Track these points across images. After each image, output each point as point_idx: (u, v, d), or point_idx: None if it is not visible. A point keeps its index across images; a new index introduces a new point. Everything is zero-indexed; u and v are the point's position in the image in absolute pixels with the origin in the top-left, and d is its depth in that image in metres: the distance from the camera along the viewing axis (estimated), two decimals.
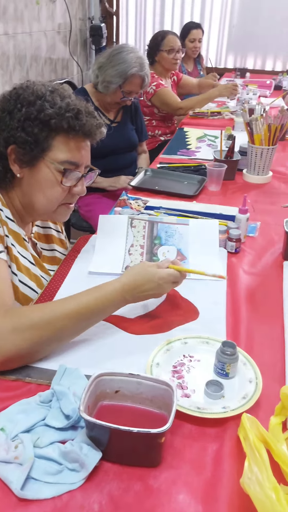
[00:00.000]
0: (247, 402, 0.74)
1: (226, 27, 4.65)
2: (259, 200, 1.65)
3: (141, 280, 0.91)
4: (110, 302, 0.88)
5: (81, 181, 1.03)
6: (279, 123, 1.67)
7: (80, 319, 0.85)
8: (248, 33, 4.54)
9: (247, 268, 1.21)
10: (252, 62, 4.69)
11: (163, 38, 2.92)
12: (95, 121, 1.00)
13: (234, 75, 4.22)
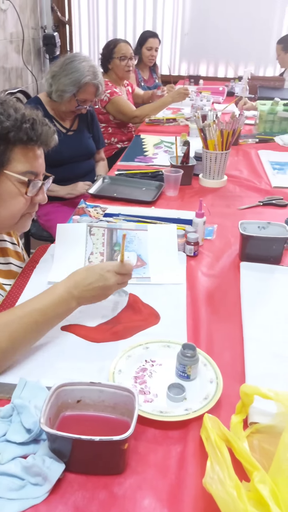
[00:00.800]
0: (208, 402, 0.75)
1: (179, 35, 4.75)
2: (215, 204, 1.69)
3: (83, 273, 0.93)
4: (57, 300, 0.88)
5: (41, 189, 1.03)
6: (230, 128, 1.71)
7: (30, 322, 0.84)
8: (200, 41, 4.65)
9: (206, 270, 1.24)
10: (205, 69, 4.81)
11: (115, 46, 2.97)
12: (49, 128, 1.00)
13: (188, 83, 4.30)
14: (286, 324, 0.99)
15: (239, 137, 2.43)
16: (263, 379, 0.82)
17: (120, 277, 0.95)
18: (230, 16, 4.43)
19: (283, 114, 2.55)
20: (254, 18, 4.34)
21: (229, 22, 4.45)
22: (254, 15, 4.32)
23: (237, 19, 4.38)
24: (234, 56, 4.59)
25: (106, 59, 2.99)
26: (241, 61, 4.58)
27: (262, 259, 1.25)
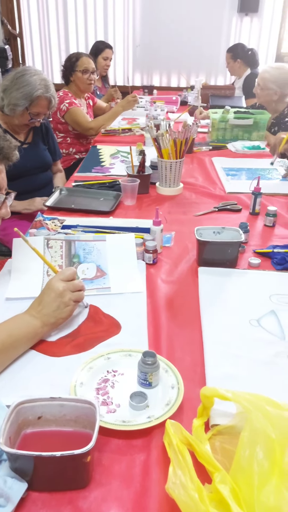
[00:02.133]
0: (170, 408, 0.76)
1: (130, 46, 4.81)
2: (172, 211, 1.71)
3: (39, 298, 0.95)
4: (20, 324, 0.88)
5: (4, 203, 1.03)
6: (183, 137, 1.75)
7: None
8: (152, 52, 4.74)
9: (165, 277, 1.25)
10: (158, 80, 4.89)
11: (77, 59, 3.02)
12: (10, 143, 1.00)
13: (142, 93, 4.37)
14: (244, 325, 1.02)
15: (194, 145, 2.49)
16: (223, 380, 0.84)
17: (73, 286, 0.97)
18: (180, 28, 4.54)
19: (234, 121, 2.63)
20: (203, 29, 4.46)
21: (179, 33, 4.56)
22: (203, 26, 4.45)
23: (187, 30, 4.49)
24: (186, 66, 4.70)
25: (68, 71, 3.02)
26: (192, 71, 4.69)
27: (218, 263, 1.28)
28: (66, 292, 0.95)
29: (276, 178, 2.06)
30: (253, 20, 4.30)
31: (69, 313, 0.97)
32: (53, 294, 0.94)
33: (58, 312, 0.94)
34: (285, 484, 0.55)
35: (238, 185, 1.93)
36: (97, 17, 4.69)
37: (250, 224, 1.57)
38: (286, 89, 2.72)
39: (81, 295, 0.99)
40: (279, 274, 1.25)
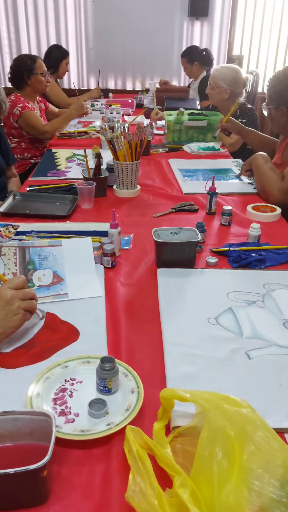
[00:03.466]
0: (130, 413, 0.74)
1: (84, 49, 4.78)
2: (130, 213, 1.70)
3: None
4: None
5: None
6: (138, 139, 1.75)
7: None
8: (106, 55, 4.73)
9: (124, 280, 1.24)
10: (113, 83, 4.89)
11: (34, 61, 2.98)
12: None
13: (99, 95, 4.34)
14: (203, 324, 1.02)
15: (150, 147, 2.49)
16: (183, 381, 0.84)
17: (24, 294, 0.93)
18: (133, 31, 4.56)
19: (189, 123, 2.66)
20: (155, 33, 4.50)
21: (132, 37, 4.58)
22: (155, 30, 4.48)
23: (140, 34, 4.52)
24: (140, 69, 4.72)
25: (25, 74, 2.94)
26: (147, 74, 4.72)
27: (177, 264, 1.28)
28: (14, 300, 0.92)
29: (231, 178, 2.09)
30: (204, 24, 4.37)
31: (18, 322, 0.93)
32: (0, 303, 0.91)
33: (6, 321, 0.90)
34: (244, 482, 0.55)
35: (195, 185, 1.95)
36: (49, 21, 4.63)
37: (207, 223, 1.58)
38: (236, 88, 2.79)
39: (32, 303, 0.95)
40: (236, 272, 1.27)
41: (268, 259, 1.32)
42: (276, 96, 1.78)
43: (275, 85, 1.78)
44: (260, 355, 0.92)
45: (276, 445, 0.59)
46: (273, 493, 0.54)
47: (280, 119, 1.80)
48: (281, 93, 1.76)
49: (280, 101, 1.76)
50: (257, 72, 3.94)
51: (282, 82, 1.76)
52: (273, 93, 1.79)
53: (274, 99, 1.79)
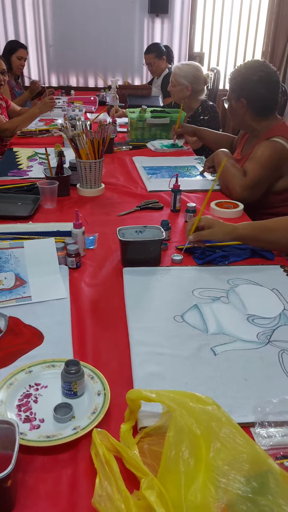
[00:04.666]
0: (96, 416, 0.73)
1: (44, 46, 4.70)
2: (95, 212, 1.69)
3: None
4: None
5: None
6: (100, 137, 1.73)
7: None
8: (67, 53, 4.66)
9: (89, 280, 1.22)
10: (75, 80, 4.82)
11: None
12: None
13: (60, 93, 4.28)
14: (169, 322, 1.02)
15: (113, 145, 2.47)
16: (150, 380, 0.83)
17: None
18: (93, 28, 4.51)
19: (151, 120, 2.66)
20: (116, 30, 4.47)
21: (93, 33, 4.53)
22: (115, 27, 4.46)
23: (100, 30, 4.47)
24: (102, 66, 4.68)
25: None
26: (109, 71, 4.69)
27: (142, 262, 1.27)
28: None
29: (194, 175, 2.11)
30: (164, 21, 4.38)
31: None
32: None
33: None
34: (211, 480, 0.55)
35: (159, 183, 1.95)
36: (6, 16, 4.52)
37: (172, 221, 1.58)
38: (197, 85, 2.81)
39: None
40: (200, 268, 1.28)
41: (231, 255, 1.33)
42: (237, 88, 1.81)
43: (236, 77, 1.81)
44: (225, 350, 0.93)
45: (241, 441, 0.60)
46: (239, 489, 0.54)
47: (240, 111, 1.83)
48: (241, 85, 1.79)
49: (241, 93, 1.79)
50: (218, 69, 3.99)
51: (243, 75, 1.79)
52: (234, 85, 1.82)
53: (235, 91, 1.82)
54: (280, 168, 1.76)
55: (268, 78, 1.77)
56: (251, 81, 1.77)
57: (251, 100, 1.79)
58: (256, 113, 1.82)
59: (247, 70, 1.79)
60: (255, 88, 1.77)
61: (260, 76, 1.76)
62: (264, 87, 1.77)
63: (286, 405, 0.76)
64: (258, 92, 1.77)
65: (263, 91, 1.77)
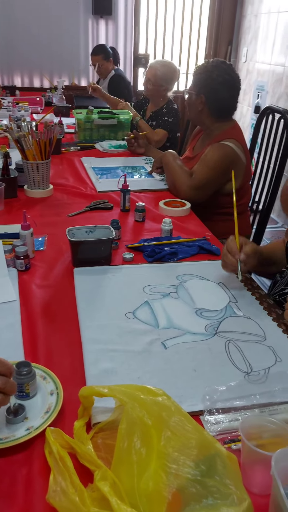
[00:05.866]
0: (50, 416, 0.74)
1: None
2: (44, 213, 1.67)
3: None
4: None
5: None
6: (46, 138, 1.72)
7: None
8: (10, 53, 4.55)
9: (40, 282, 1.22)
10: (20, 80, 4.73)
11: None
12: None
13: (5, 94, 4.18)
14: (120, 319, 1.04)
15: (61, 146, 2.46)
16: (103, 377, 0.84)
17: None
18: (37, 29, 4.43)
19: (99, 121, 2.67)
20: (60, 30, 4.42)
21: (37, 34, 4.45)
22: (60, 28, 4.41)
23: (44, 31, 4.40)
24: (47, 67, 4.61)
25: None
26: (54, 72, 4.63)
27: (93, 262, 1.28)
28: None
29: (142, 175, 2.14)
30: (109, 23, 4.39)
31: None
32: None
33: None
34: (162, 467, 0.57)
35: (108, 183, 1.96)
36: None
37: (122, 220, 1.60)
38: (171, 85, 2.88)
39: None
40: (151, 266, 1.31)
41: (180, 252, 1.37)
42: (199, 83, 1.83)
43: (201, 73, 1.83)
44: (175, 343, 0.96)
45: (190, 428, 0.62)
46: (189, 473, 0.57)
47: (198, 106, 1.87)
48: (204, 82, 1.82)
49: (202, 90, 1.83)
50: None
51: (207, 72, 1.81)
52: (197, 80, 1.85)
53: (197, 85, 1.85)
54: (229, 171, 1.82)
55: (231, 82, 1.81)
56: (214, 81, 1.79)
57: (210, 99, 1.83)
58: (212, 113, 1.87)
59: (213, 69, 1.80)
60: (217, 89, 1.80)
61: (225, 79, 1.79)
62: (226, 90, 1.80)
63: (232, 392, 0.80)
64: (219, 94, 1.81)
65: (224, 94, 1.81)
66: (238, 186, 1.84)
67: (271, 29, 3.67)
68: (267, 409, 0.77)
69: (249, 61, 4.15)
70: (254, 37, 4.04)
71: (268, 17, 3.74)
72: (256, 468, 0.64)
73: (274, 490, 0.54)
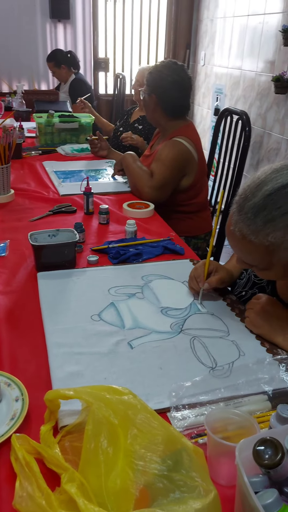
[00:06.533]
0: (15, 422, 0.72)
1: None
2: (5, 219, 1.64)
3: None
4: None
5: None
6: (5, 142, 1.69)
7: None
8: None
9: (2, 288, 1.19)
10: None
11: None
12: None
13: None
14: (86, 322, 1.03)
15: (22, 150, 2.42)
16: (69, 381, 0.84)
17: None
18: None
19: (60, 125, 2.65)
20: (18, 34, 4.36)
21: None
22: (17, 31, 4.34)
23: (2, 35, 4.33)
24: (6, 72, 4.53)
25: None
26: (13, 76, 4.56)
27: (57, 266, 1.27)
28: None
29: (105, 177, 2.14)
30: (67, 27, 4.37)
31: None
32: None
33: None
34: (129, 464, 0.58)
35: (71, 187, 1.95)
36: None
37: (86, 223, 1.60)
38: None
39: None
40: (115, 267, 1.31)
41: (144, 253, 1.38)
42: (151, 83, 1.86)
43: (153, 72, 1.86)
44: (141, 343, 0.96)
45: (156, 424, 0.63)
46: (156, 469, 0.57)
47: (151, 105, 1.90)
48: (155, 82, 1.85)
49: (153, 89, 1.86)
50: (123, 74, 4.07)
51: (158, 72, 1.84)
52: (150, 80, 1.87)
53: (149, 85, 1.87)
54: (183, 168, 1.85)
55: (181, 82, 1.84)
56: (165, 81, 1.83)
57: (161, 99, 1.86)
58: (165, 112, 1.90)
59: (164, 69, 1.84)
60: (167, 89, 1.83)
61: (174, 79, 1.82)
62: (176, 90, 1.84)
63: (197, 387, 0.81)
64: (169, 94, 1.84)
65: (174, 94, 1.84)
66: (191, 183, 1.88)
67: (227, 33, 3.76)
68: (232, 402, 0.78)
69: (207, 65, 4.23)
70: (211, 41, 4.12)
71: (224, 21, 3.82)
72: (222, 460, 0.65)
73: (239, 480, 0.56)
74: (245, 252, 0.87)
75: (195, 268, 1.16)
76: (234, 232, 0.85)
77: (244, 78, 3.49)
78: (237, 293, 1.17)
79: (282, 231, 0.80)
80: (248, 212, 0.82)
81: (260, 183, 0.83)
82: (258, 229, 0.81)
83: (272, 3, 3.02)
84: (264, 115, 3.17)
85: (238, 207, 0.85)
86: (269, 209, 0.80)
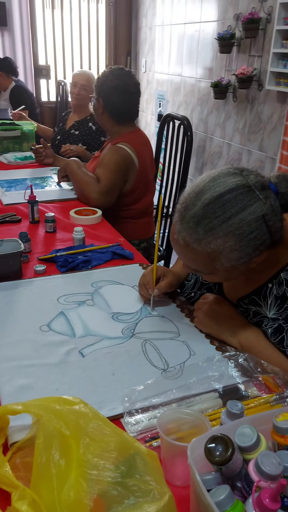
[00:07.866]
0: None
1: None
2: None
3: None
4: None
5: None
6: None
7: None
8: None
9: None
10: None
11: None
12: None
13: None
14: (35, 333, 1.01)
15: None
16: (19, 395, 0.81)
17: None
18: None
19: (2, 133, 2.58)
20: None
21: None
22: None
23: None
24: None
25: None
26: None
27: (2, 277, 1.23)
28: None
29: (51, 185, 2.11)
30: (5, 34, 4.28)
31: None
32: None
33: None
34: (82, 475, 0.56)
35: (15, 196, 1.90)
36: None
37: (33, 232, 1.57)
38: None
39: None
40: (64, 276, 1.29)
41: (93, 259, 1.37)
42: (98, 87, 1.88)
43: (100, 78, 1.89)
44: (92, 350, 0.95)
45: (109, 431, 0.62)
46: (109, 476, 0.56)
47: (99, 109, 1.91)
48: (101, 87, 1.86)
49: (100, 94, 1.87)
50: (65, 81, 4.04)
51: (104, 77, 1.86)
52: (97, 84, 1.89)
53: (96, 89, 1.90)
54: (126, 173, 1.87)
55: (123, 88, 1.84)
56: (108, 86, 1.84)
57: (106, 103, 1.87)
58: (111, 117, 1.91)
59: (109, 73, 1.86)
60: (110, 94, 1.85)
61: (116, 84, 1.83)
62: (118, 95, 1.84)
63: (150, 390, 0.81)
64: (112, 99, 1.85)
65: (117, 99, 1.85)
66: (129, 189, 1.90)
67: (166, 41, 3.83)
68: (184, 402, 0.79)
69: (149, 72, 4.29)
70: (151, 48, 4.18)
71: (162, 29, 3.89)
72: (176, 461, 0.66)
73: (192, 479, 0.56)
74: (189, 259, 0.89)
75: (144, 275, 1.16)
76: (178, 240, 0.87)
77: (185, 84, 3.57)
78: (186, 294, 1.18)
79: (222, 238, 0.82)
80: (190, 222, 0.84)
81: (199, 191, 0.85)
82: (200, 237, 0.83)
83: (207, 12, 3.12)
84: (205, 119, 3.25)
85: (180, 216, 0.86)
86: (209, 218, 0.82)
